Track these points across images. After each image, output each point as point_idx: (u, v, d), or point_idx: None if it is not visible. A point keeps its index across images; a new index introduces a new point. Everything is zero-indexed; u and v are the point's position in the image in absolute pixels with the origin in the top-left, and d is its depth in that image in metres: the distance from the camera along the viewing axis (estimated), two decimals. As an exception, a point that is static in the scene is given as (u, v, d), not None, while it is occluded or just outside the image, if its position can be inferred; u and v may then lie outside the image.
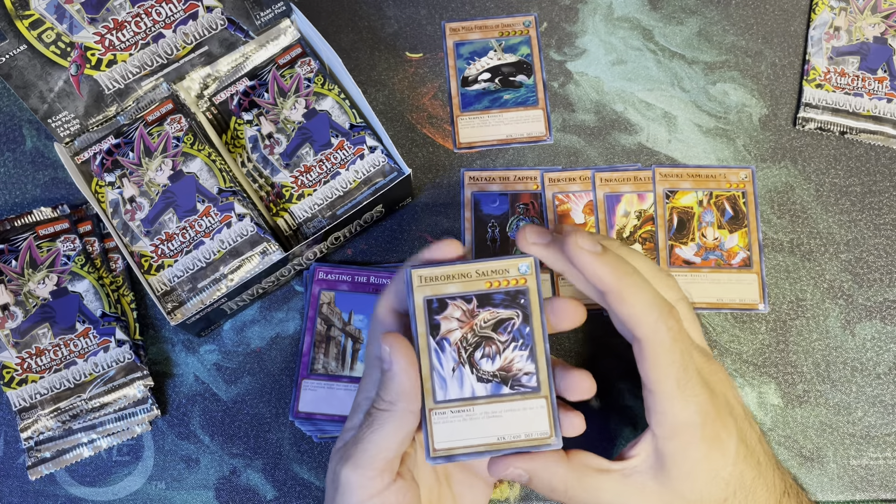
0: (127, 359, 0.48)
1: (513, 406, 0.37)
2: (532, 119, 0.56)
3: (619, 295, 0.37)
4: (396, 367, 0.36)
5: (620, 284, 0.37)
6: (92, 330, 0.49)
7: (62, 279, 0.50)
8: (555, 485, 0.38)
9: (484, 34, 0.58)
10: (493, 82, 0.57)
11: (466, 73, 0.57)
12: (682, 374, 0.37)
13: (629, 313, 0.37)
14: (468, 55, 0.57)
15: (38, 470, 0.48)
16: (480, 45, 0.58)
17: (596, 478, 0.39)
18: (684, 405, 0.37)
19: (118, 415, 0.48)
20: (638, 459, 0.39)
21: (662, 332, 0.37)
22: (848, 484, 0.48)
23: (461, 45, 0.58)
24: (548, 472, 0.38)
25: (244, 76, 0.53)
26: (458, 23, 0.58)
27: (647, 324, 0.37)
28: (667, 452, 0.38)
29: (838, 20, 0.57)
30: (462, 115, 0.56)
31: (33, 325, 0.49)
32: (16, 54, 0.47)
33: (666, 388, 0.37)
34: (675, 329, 0.37)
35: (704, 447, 0.37)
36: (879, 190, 0.54)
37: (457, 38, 0.58)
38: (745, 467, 0.39)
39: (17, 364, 0.48)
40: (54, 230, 0.51)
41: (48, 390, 0.47)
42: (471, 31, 0.58)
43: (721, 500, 0.38)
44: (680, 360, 0.37)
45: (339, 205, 0.50)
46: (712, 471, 0.38)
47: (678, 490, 0.38)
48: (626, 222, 0.53)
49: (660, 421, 0.37)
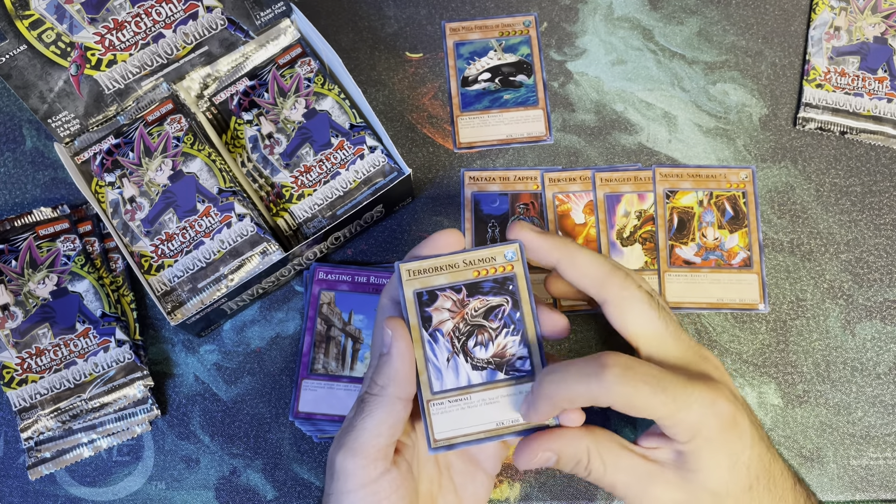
0: (127, 359, 0.48)
1: (509, 391, 0.38)
2: (532, 119, 0.55)
3: (571, 261, 0.39)
4: (394, 349, 0.36)
5: (567, 250, 0.39)
6: (92, 330, 0.49)
7: (62, 279, 0.50)
8: (580, 456, 0.37)
9: (484, 34, 0.58)
10: (494, 82, 0.57)
11: (466, 73, 0.57)
12: (674, 343, 0.38)
13: (583, 273, 0.38)
14: (468, 55, 0.57)
15: (38, 470, 0.48)
16: (480, 45, 0.58)
17: (618, 453, 0.37)
18: (688, 402, 0.36)
19: (118, 415, 0.48)
20: (658, 452, 0.38)
21: (633, 287, 0.38)
22: (848, 484, 0.48)
23: (461, 44, 0.58)
24: (572, 447, 0.37)
25: (244, 76, 0.53)
26: (458, 23, 0.58)
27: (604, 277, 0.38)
28: (686, 451, 0.36)
29: (838, 20, 0.57)
30: (462, 114, 0.56)
31: (33, 326, 0.49)
32: (16, 54, 0.47)
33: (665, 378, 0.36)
34: (640, 283, 0.38)
35: (723, 435, 0.36)
36: (879, 190, 0.54)
37: (457, 38, 0.58)
38: (762, 449, 0.38)
39: (17, 364, 0.48)
40: (54, 230, 0.51)
41: (48, 390, 0.47)
42: (471, 31, 0.58)
43: (746, 487, 0.37)
44: (658, 314, 0.38)
45: (339, 205, 0.50)
46: (733, 456, 0.36)
47: (702, 483, 0.37)
48: (626, 222, 0.53)
49: (673, 431, 0.36)
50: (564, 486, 0.48)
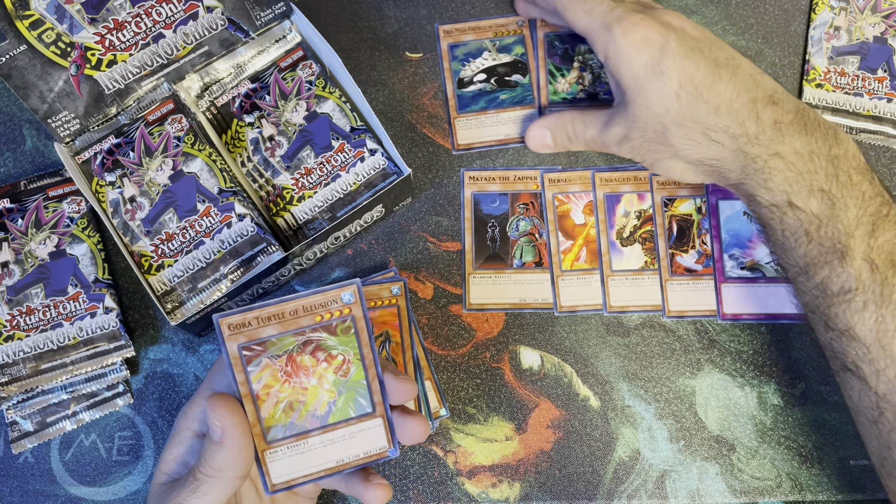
0: (112, 326, 0.49)
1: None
2: (529, 118, 0.55)
3: None
4: (228, 440, 0.35)
5: None
6: (83, 294, 0.49)
7: (62, 241, 0.50)
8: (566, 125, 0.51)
9: (478, 35, 0.58)
10: (489, 83, 0.57)
11: (462, 74, 0.57)
12: None
13: None
14: (463, 57, 0.57)
15: (21, 444, 0.48)
16: (475, 46, 0.58)
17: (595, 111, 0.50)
18: None
19: (97, 383, 0.49)
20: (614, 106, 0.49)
21: None
22: (848, 484, 0.48)
23: (455, 46, 0.58)
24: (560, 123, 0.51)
25: (246, 78, 0.53)
26: (452, 25, 0.58)
27: None
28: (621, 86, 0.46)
29: (838, 20, 0.57)
30: (459, 116, 0.56)
31: (28, 285, 0.49)
32: (16, 54, 0.47)
33: None
34: None
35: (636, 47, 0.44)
36: (879, 190, 0.54)
37: (451, 41, 0.58)
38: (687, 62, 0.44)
39: (7, 321, 0.48)
40: (63, 192, 0.52)
41: (32, 349, 0.48)
42: (465, 33, 0.58)
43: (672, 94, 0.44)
44: None
45: (339, 207, 0.50)
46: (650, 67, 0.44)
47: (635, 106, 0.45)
48: (626, 222, 0.53)
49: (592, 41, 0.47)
50: (564, 485, 0.48)
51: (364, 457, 0.38)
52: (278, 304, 0.36)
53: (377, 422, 0.38)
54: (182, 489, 0.36)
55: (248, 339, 0.36)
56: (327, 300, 0.36)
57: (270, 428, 0.37)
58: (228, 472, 0.36)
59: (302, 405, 0.37)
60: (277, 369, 0.36)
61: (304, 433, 0.37)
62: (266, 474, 0.37)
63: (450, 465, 0.49)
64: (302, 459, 0.37)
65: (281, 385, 0.37)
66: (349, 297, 0.36)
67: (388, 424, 0.38)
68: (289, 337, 0.36)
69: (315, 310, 0.36)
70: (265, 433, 0.37)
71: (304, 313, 0.36)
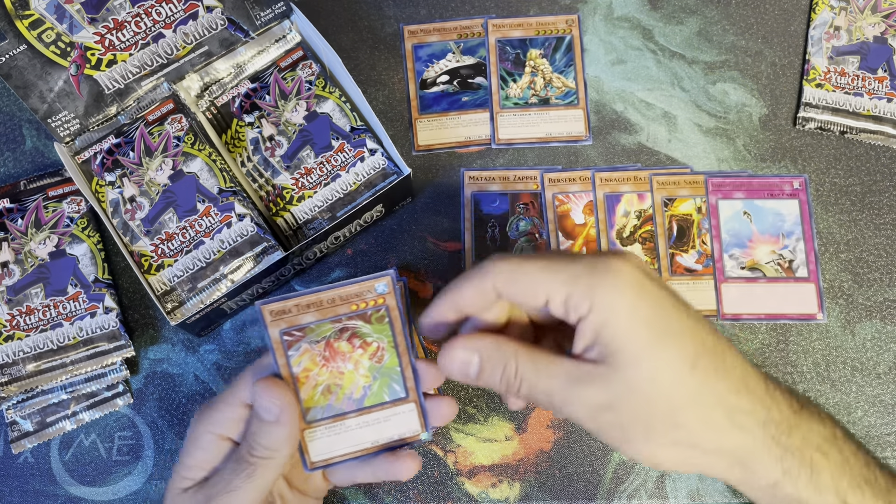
0: (112, 326, 0.49)
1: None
2: (484, 121, 0.55)
3: None
4: (285, 417, 0.36)
5: None
6: (83, 294, 0.49)
7: (62, 241, 0.50)
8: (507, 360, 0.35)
9: (442, 36, 0.58)
10: (452, 84, 0.57)
11: (425, 75, 0.57)
12: None
13: None
14: (426, 58, 0.57)
15: (21, 444, 0.48)
16: (439, 47, 0.58)
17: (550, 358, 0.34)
18: None
19: (97, 383, 0.49)
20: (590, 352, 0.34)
21: None
22: (847, 484, 0.48)
23: (420, 47, 0.58)
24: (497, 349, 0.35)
25: (245, 78, 0.53)
26: (417, 25, 0.58)
27: None
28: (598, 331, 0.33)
29: (838, 20, 0.57)
30: (420, 117, 0.56)
31: (28, 285, 0.49)
32: (16, 54, 0.47)
33: None
34: None
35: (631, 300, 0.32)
36: (879, 190, 0.54)
37: (415, 41, 0.58)
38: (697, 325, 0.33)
39: (7, 321, 0.48)
40: (63, 192, 0.52)
41: (31, 349, 0.48)
42: (429, 34, 0.58)
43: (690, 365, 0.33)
44: None
45: (339, 207, 0.50)
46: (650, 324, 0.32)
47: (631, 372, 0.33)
48: (626, 222, 0.53)
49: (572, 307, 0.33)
50: (564, 485, 0.48)
51: (398, 439, 0.39)
52: (316, 293, 0.38)
53: (410, 406, 0.39)
54: (232, 478, 0.37)
55: (288, 324, 0.37)
56: (363, 290, 0.38)
57: (310, 409, 0.38)
58: (284, 451, 0.37)
59: (339, 388, 0.38)
60: (316, 354, 0.38)
61: (341, 415, 0.39)
62: (305, 452, 0.39)
63: (450, 465, 0.49)
64: (339, 440, 0.39)
65: (319, 369, 0.38)
66: (383, 288, 0.38)
67: (420, 409, 0.39)
68: (326, 324, 0.38)
69: (351, 299, 0.38)
70: (304, 414, 0.38)
71: (340, 302, 0.38)
